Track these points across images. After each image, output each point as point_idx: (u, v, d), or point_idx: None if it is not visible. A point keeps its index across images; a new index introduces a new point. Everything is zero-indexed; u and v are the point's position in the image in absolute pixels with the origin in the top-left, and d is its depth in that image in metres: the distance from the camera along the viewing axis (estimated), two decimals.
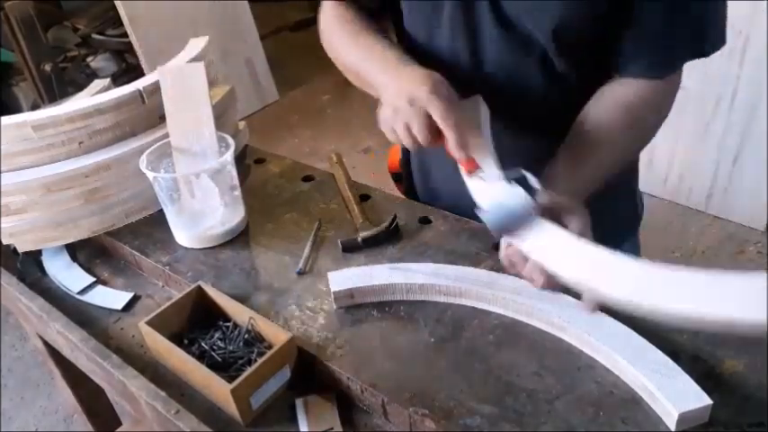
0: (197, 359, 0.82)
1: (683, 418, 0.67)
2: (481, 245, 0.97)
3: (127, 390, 0.83)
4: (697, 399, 0.67)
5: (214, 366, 0.81)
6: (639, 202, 1.17)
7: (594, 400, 0.72)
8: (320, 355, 0.81)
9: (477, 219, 0.89)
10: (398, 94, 0.75)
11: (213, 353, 0.84)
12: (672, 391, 0.68)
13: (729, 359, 0.74)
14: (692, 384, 0.69)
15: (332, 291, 0.88)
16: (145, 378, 0.81)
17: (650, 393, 0.70)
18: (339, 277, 0.90)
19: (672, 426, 0.67)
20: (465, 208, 0.93)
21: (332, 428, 0.76)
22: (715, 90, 2.34)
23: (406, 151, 1.23)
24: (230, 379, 0.76)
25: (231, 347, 0.84)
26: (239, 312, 0.87)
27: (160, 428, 0.82)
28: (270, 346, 0.82)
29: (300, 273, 0.96)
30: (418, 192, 1.21)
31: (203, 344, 0.85)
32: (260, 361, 0.77)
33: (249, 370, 0.76)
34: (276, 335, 0.82)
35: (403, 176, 1.26)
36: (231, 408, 0.77)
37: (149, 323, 0.85)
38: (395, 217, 1.01)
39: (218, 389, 0.77)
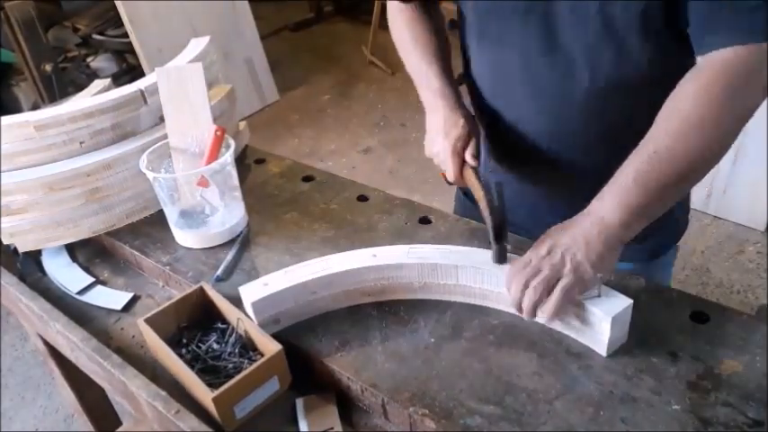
0: (192, 360, 0.82)
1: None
2: (481, 244, 0.97)
3: (127, 389, 0.83)
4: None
5: (206, 369, 0.81)
6: (687, 212, 1.13)
7: (594, 400, 0.72)
8: (320, 356, 0.81)
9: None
10: (430, 141, 0.98)
11: (207, 356, 0.84)
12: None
13: (729, 359, 0.75)
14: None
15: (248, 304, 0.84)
16: (145, 378, 0.81)
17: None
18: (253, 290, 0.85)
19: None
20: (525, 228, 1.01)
21: (332, 428, 0.76)
22: None
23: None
24: (219, 384, 0.75)
25: (227, 350, 0.84)
26: (236, 317, 0.86)
27: (160, 428, 0.82)
28: (263, 355, 0.81)
29: (219, 279, 0.96)
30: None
31: (199, 346, 0.85)
32: (243, 373, 0.76)
33: (232, 380, 0.75)
34: (267, 345, 0.81)
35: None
36: (215, 414, 0.76)
37: (148, 321, 0.85)
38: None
39: (202, 395, 0.77)
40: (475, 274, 0.85)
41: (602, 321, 0.75)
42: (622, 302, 0.76)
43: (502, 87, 1.00)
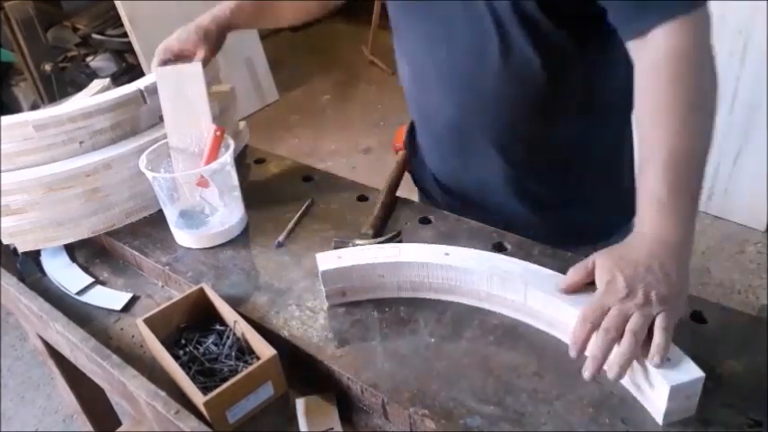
0: (189, 361, 0.82)
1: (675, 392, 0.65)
2: (480, 245, 0.97)
3: (126, 390, 0.83)
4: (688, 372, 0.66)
5: (203, 372, 0.81)
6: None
7: (594, 400, 0.72)
8: (320, 356, 0.81)
9: (469, 210, 1.07)
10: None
11: (204, 358, 0.83)
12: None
13: (729, 359, 0.74)
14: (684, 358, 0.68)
15: (320, 271, 0.86)
16: (144, 378, 0.81)
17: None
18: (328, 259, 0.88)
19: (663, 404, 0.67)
20: (458, 193, 1.13)
21: (332, 428, 0.76)
22: None
23: (411, 131, 1.24)
24: (214, 388, 0.75)
25: (224, 353, 0.84)
26: (234, 319, 0.86)
27: (160, 428, 0.82)
28: (259, 359, 0.81)
29: (279, 245, 1.02)
30: (416, 173, 1.26)
31: (197, 347, 0.85)
32: (235, 377, 0.76)
33: (224, 385, 0.75)
34: (262, 349, 0.80)
35: (409, 156, 1.26)
36: (208, 418, 0.76)
37: (146, 321, 0.85)
38: (398, 233, 1.00)
39: (195, 398, 0.76)
40: (545, 299, 0.79)
41: (661, 388, 0.67)
42: (691, 372, 0.67)
43: (419, 82, 1.06)
